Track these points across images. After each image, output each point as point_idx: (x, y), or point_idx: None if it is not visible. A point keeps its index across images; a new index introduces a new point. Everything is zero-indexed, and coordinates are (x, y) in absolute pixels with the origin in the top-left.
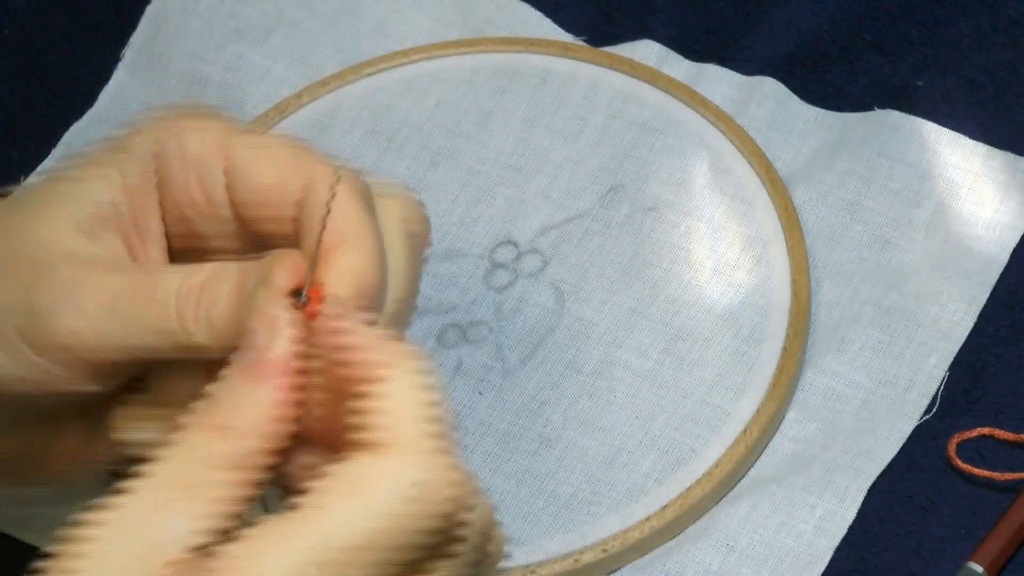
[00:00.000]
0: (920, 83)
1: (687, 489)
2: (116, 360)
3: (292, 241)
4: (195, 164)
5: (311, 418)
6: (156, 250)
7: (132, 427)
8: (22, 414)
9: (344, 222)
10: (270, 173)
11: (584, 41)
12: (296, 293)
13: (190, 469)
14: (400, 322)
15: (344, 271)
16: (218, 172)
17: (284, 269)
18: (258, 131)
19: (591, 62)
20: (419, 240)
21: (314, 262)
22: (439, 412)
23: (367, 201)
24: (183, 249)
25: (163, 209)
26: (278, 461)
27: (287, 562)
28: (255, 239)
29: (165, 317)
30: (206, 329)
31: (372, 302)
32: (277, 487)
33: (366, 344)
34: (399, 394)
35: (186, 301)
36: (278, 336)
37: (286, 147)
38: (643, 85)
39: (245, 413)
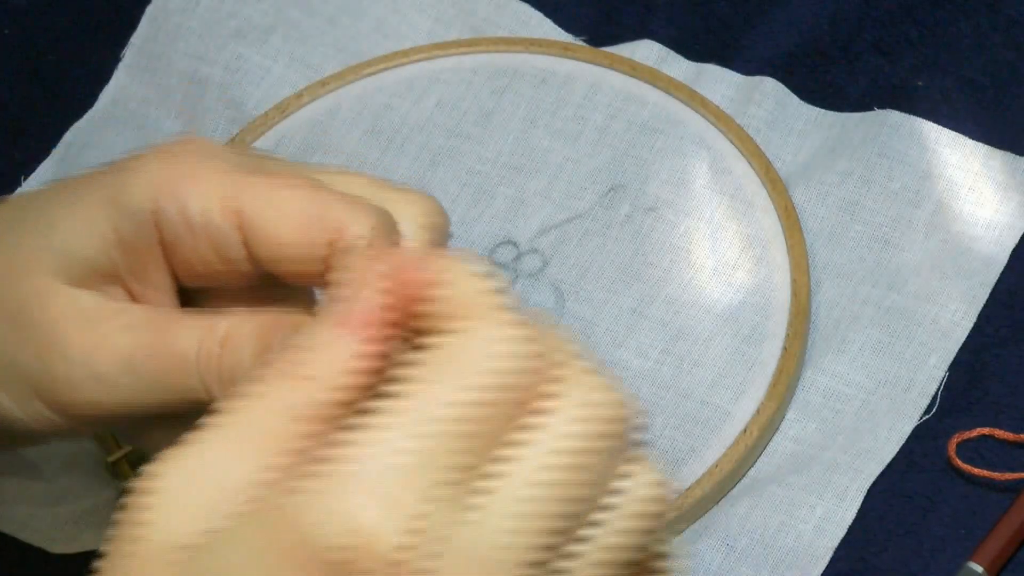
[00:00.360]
0: (920, 83)
1: (687, 489)
2: (136, 416)
3: (320, 284)
4: (203, 229)
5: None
6: (163, 297)
7: (146, 439)
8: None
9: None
10: (290, 233)
11: (584, 41)
12: None
13: (267, 417)
14: None
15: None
16: (231, 236)
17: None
18: (262, 178)
19: (591, 62)
20: (440, 242)
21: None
22: (499, 295)
23: (389, 240)
24: (195, 287)
25: (173, 264)
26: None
27: (408, 440)
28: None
29: (185, 378)
30: (231, 387)
31: None
32: None
33: (418, 256)
34: (461, 278)
35: (208, 365)
36: (367, 290)
37: (302, 198)
38: (643, 85)
39: (329, 364)
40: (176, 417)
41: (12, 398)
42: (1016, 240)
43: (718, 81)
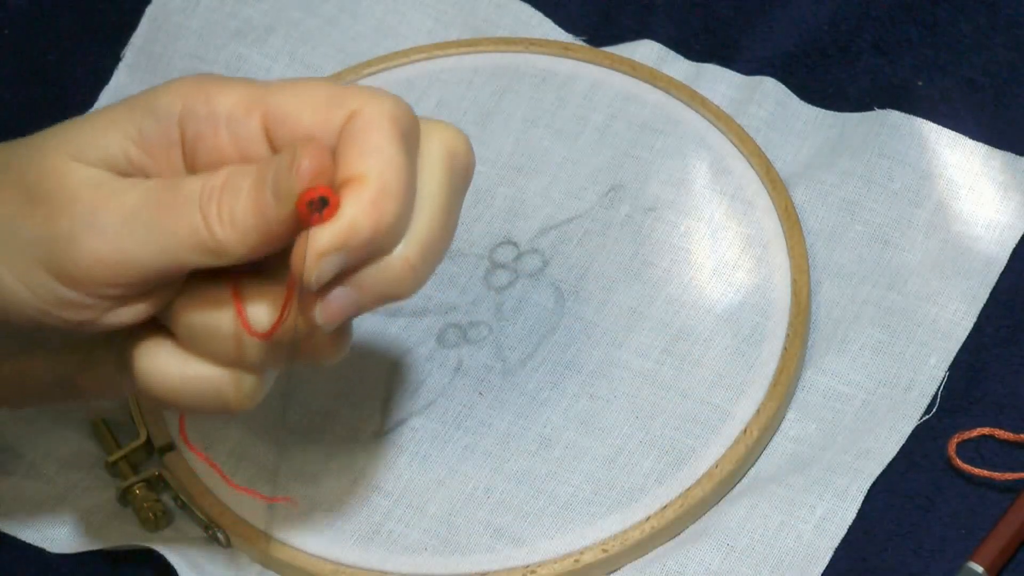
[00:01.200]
0: (920, 83)
1: (687, 489)
2: (138, 280)
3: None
4: (227, 123)
5: None
6: None
7: (156, 368)
8: (54, 343)
9: (368, 156)
10: (311, 114)
11: (584, 41)
12: (315, 196)
13: None
14: (434, 248)
15: (358, 204)
16: (252, 127)
17: (308, 157)
18: (288, 80)
19: (591, 62)
20: (461, 168)
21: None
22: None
23: (405, 131)
24: None
25: (192, 167)
26: None
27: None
28: None
29: (189, 219)
30: (230, 225)
31: (376, 242)
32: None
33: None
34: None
35: (209, 200)
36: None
37: (323, 87)
38: (643, 85)
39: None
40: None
41: (14, 270)
42: (1016, 240)
43: (718, 81)
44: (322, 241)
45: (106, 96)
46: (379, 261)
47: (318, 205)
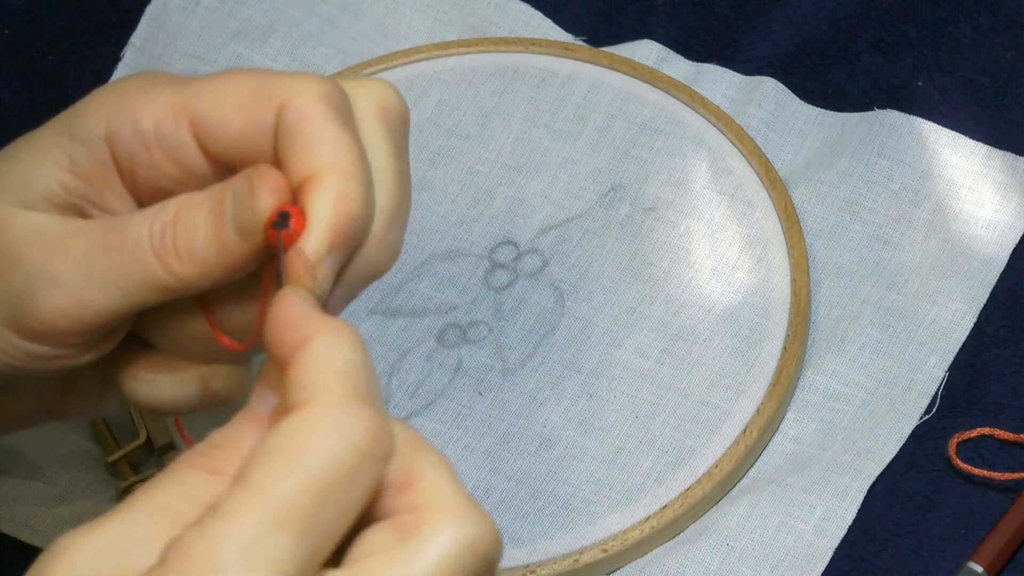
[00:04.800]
0: (920, 83)
1: (687, 489)
2: (101, 324)
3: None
4: (156, 138)
5: None
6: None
7: (141, 381)
8: (32, 379)
9: (320, 148)
10: (237, 117)
11: (584, 41)
12: (280, 215)
13: (174, 503)
14: (399, 211)
15: (322, 210)
16: (185, 139)
17: (265, 185)
18: (206, 78)
19: (591, 62)
20: (397, 119)
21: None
22: (362, 375)
23: (340, 108)
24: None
25: (134, 187)
26: None
27: (234, 537)
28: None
29: (143, 262)
30: (189, 261)
31: (352, 234)
32: None
33: (294, 319)
34: (317, 356)
35: (162, 240)
36: (273, 389)
37: (243, 83)
38: (643, 85)
39: (237, 460)
40: (159, 360)
41: None
42: (1016, 240)
43: (718, 81)
44: (310, 252)
45: None
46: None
47: (283, 223)
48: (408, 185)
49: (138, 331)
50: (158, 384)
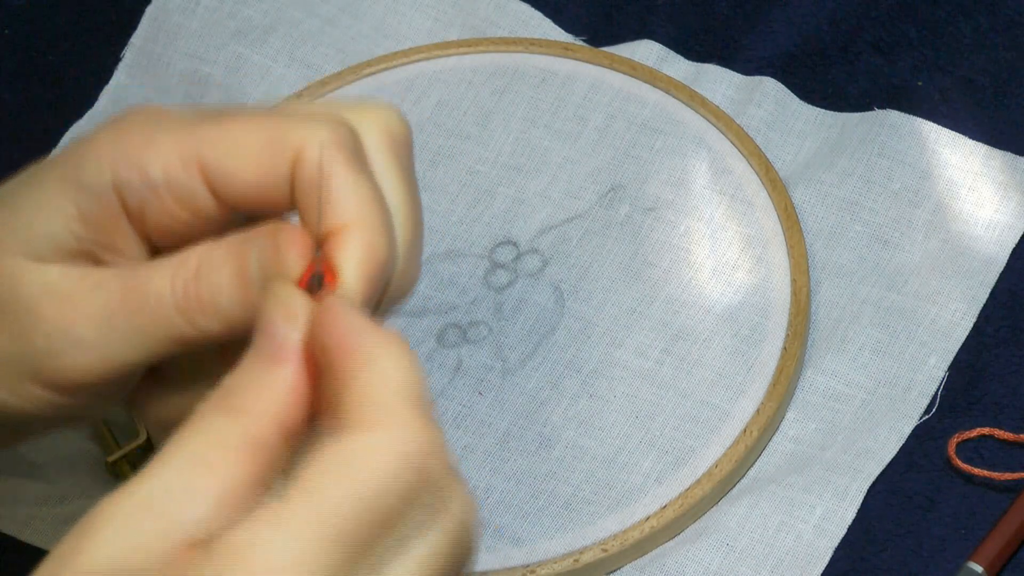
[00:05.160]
0: (920, 83)
1: (687, 489)
2: (127, 374)
3: (289, 210)
4: (167, 188)
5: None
6: (129, 261)
7: (152, 400)
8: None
9: (344, 201)
10: (252, 168)
11: (584, 41)
12: (313, 276)
13: (205, 451)
14: (415, 240)
15: (356, 262)
16: (197, 187)
17: (294, 248)
18: (214, 121)
19: (591, 62)
20: (402, 145)
21: (320, 238)
22: (418, 387)
23: (353, 153)
24: (174, 249)
25: (145, 230)
26: (290, 446)
27: (287, 545)
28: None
29: (167, 318)
30: (215, 317)
31: (386, 277)
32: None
33: (348, 329)
34: (379, 374)
35: (186, 299)
36: (294, 324)
37: (256, 133)
38: (643, 85)
39: (260, 396)
40: (173, 380)
41: (2, 386)
42: (1016, 240)
43: (718, 81)
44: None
45: (106, 96)
46: None
47: (316, 285)
48: (419, 210)
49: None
50: (169, 403)
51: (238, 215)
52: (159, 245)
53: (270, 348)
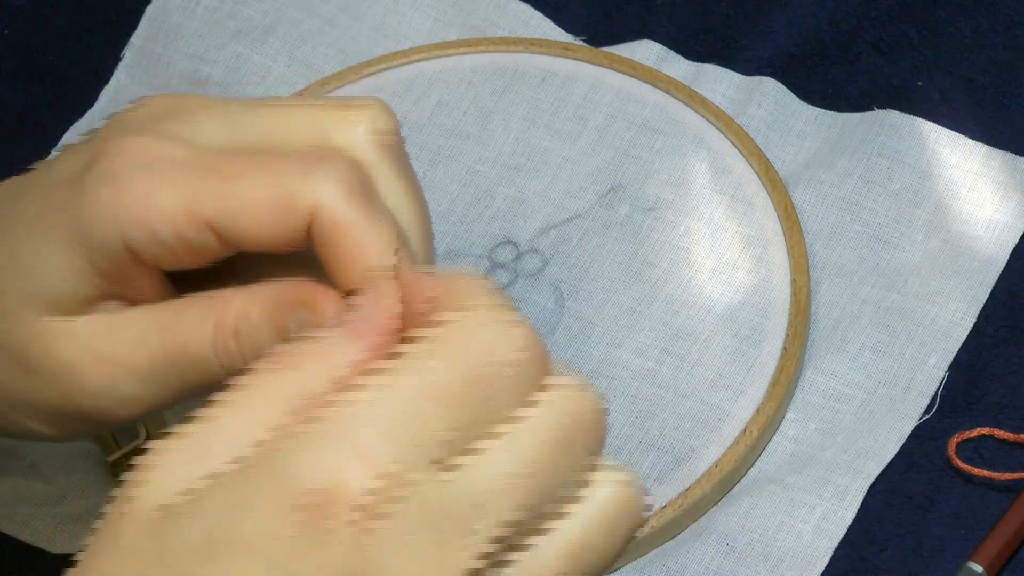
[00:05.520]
0: (920, 83)
1: (687, 489)
2: (171, 403)
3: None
4: (177, 242)
5: None
6: (158, 289)
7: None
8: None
9: (367, 257)
10: (265, 230)
11: (584, 41)
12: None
13: (261, 406)
14: (428, 248)
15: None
16: (206, 239)
17: (330, 312)
18: (216, 172)
19: (591, 62)
20: (393, 140)
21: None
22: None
23: (369, 197)
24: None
25: (163, 269)
26: None
27: (384, 404)
28: None
29: (210, 371)
30: (254, 359)
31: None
32: None
33: (434, 282)
34: (467, 283)
35: (227, 355)
36: (382, 306)
37: (261, 191)
38: (643, 85)
39: (320, 359)
40: None
41: (44, 425)
42: (1016, 240)
43: (718, 81)
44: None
45: (106, 96)
46: None
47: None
48: (423, 202)
49: None
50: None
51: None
52: (180, 278)
53: (350, 323)
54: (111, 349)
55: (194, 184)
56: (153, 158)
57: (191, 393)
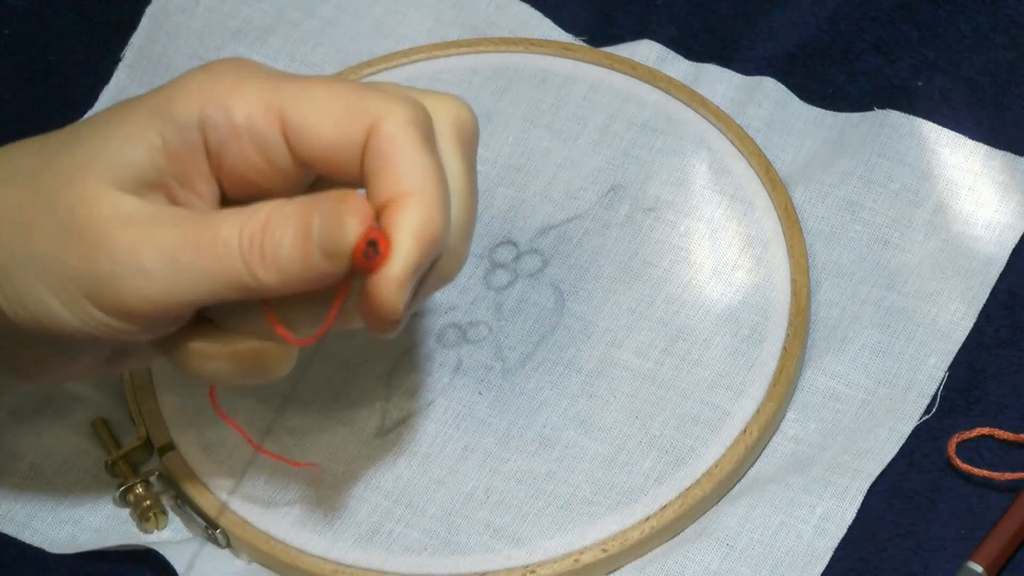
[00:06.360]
0: (920, 83)
1: (687, 489)
2: (182, 311)
3: (359, 182)
4: (247, 133)
5: None
6: (203, 203)
7: (192, 351)
8: (100, 347)
9: (409, 173)
10: (330, 128)
11: (584, 41)
12: (369, 242)
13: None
14: (468, 225)
15: (409, 231)
16: (274, 136)
17: (354, 216)
18: (301, 82)
19: (591, 62)
20: (470, 136)
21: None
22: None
23: (427, 134)
24: (243, 199)
25: (220, 173)
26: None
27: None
28: (321, 182)
29: (231, 266)
30: (275, 271)
31: (435, 253)
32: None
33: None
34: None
35: (251, 248)
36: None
37: (339, 97)
38: (643, 85)
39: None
40: (213, 333)
41: (63, 301)
42: (1016, 240)
43: (718, 81)
44: (396, 274)
45: (106, 96)
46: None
47: (372, 252)
48: (476, 198)
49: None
50: (209, 355)
51: (307, 176)
52: (231, 196)
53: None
54: (144, 220)
55: (277, 83)
56: (253, 67)
57: (205, 296)
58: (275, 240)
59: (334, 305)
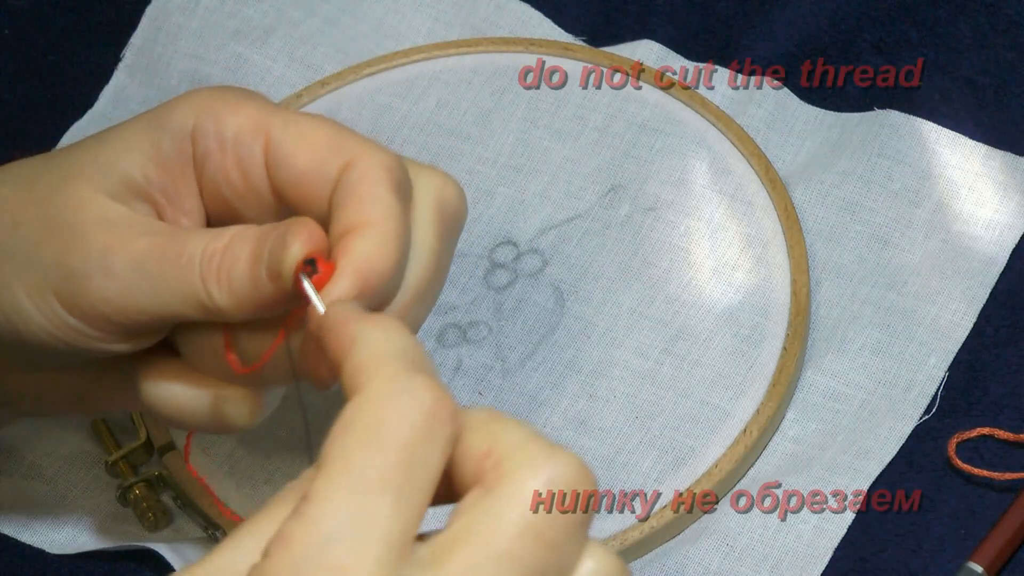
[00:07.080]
0: (920, 83)
1: (687, 489)
2: (142, 322)
3: (326, 219)
4: (233, 145)
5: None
6: (189, 221)
7: (159, 386)
8: (64, 361)
9: (370, 206)
10: (308, 157)
11: (584, 41)
12: (308, 261)
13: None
14: (426, 297)
15: (355, 256)
16: (257, 154)
17: (299, 237)
18: (293, 113)
19: (591, 62)
20: (452, 215)
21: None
22: (409, 348)
23: (399, 183)
24: (220, 224)
25: (200, 186)
26: None
27: (338, 511)
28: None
29: (189, 279)
30: (226, 291)
31: (378, 287)
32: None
33: (339, 322)
34: (368, 343)
35: (209, 263)
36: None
37: (323, 130)
38: (643, 85)
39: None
40: (174, 368)
41: (31, 296)
42: (1016, 240)
43: (718, 81)
44: (338, 290)
45: (106, 96)
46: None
47: (311, 270)
48: (445, 272)
49: (170, 337)
50: (173, 392)
51: (283, 211)
52: (213, 220)
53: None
54: (122, 225)
55: (272, 111)
56: (252, 93)
57: (164, 309)
58: (231, 259)
59: (278, 333)
